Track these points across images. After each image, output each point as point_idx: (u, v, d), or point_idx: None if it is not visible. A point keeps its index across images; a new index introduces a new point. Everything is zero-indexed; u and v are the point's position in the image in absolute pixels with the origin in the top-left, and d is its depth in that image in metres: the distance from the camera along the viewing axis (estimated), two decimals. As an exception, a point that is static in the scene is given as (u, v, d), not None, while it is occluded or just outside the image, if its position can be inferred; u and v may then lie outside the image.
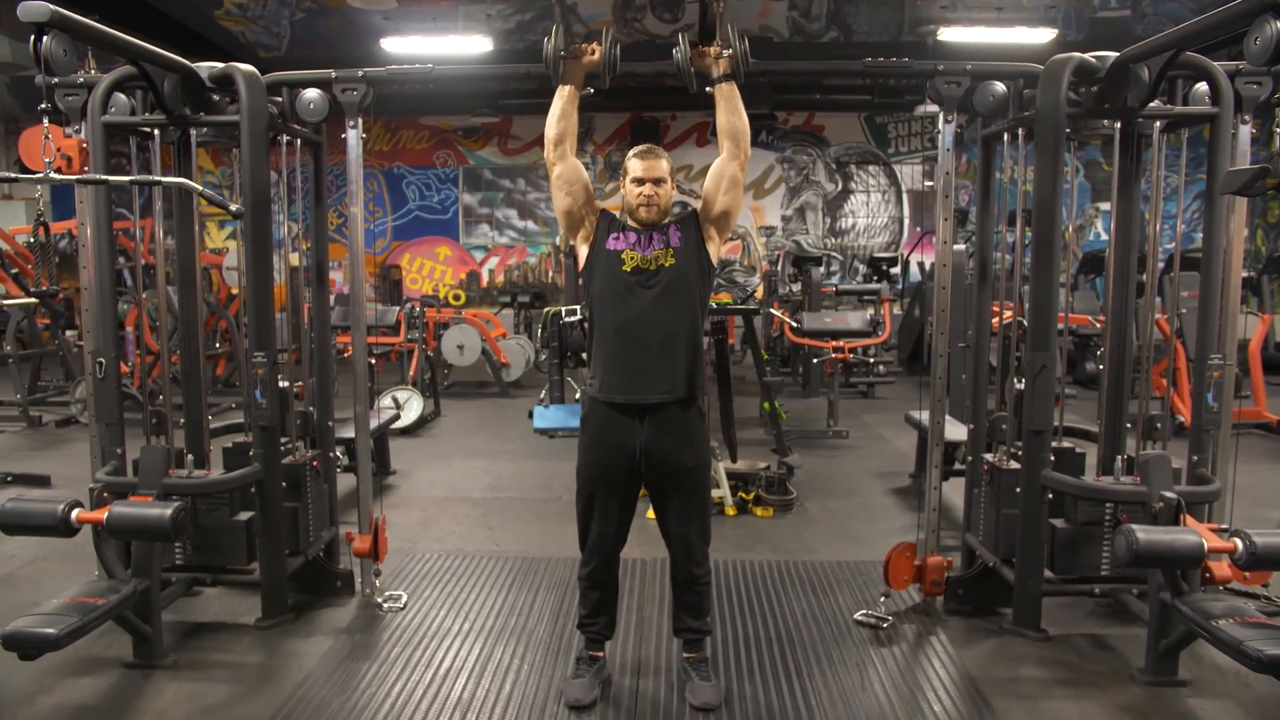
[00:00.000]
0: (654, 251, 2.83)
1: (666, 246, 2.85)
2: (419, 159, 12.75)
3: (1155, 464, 3.07)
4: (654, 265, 2.82)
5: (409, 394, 7.29)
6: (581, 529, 2.99)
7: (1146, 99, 3.16)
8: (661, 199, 2.84)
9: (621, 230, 2.89)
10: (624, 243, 2.86)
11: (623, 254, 2.84)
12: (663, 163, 2.86)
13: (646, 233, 2.87)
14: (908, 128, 12.51)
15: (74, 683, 3.02)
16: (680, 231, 2.87)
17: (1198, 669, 3.10)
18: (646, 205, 2.83)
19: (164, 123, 3.37)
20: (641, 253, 2.84)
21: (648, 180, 2.83)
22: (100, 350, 3.40)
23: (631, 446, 2.82)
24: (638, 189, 2.84)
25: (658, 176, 2.84)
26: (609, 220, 2.93)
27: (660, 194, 2.84)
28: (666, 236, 2.87)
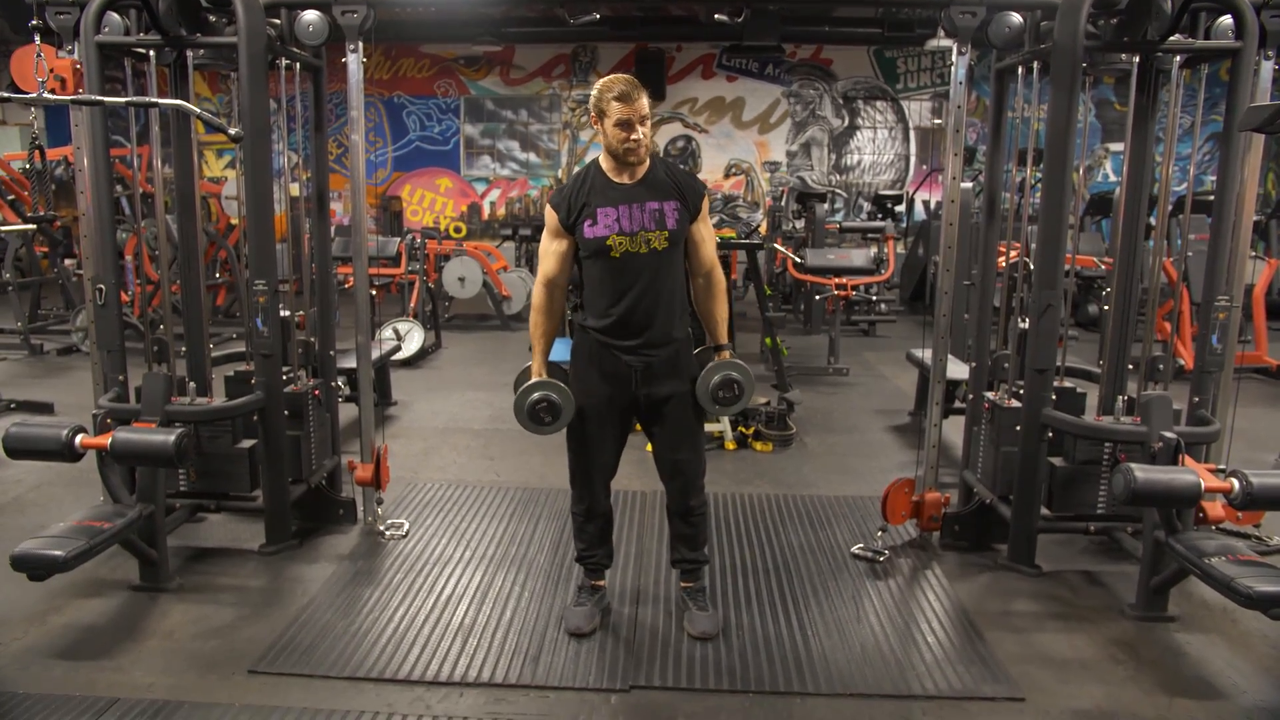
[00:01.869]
0: (643, 231, 2.69)
1: (661, 226, 2.70)
2: (420, 88, 12.51)
3: (1156, 404, 3.08)
4: (644, 248, 2.70)
5: (410, 325, 7.29)
6: (573, 461, 2.97)
7: (1168, 32, 3.08)
8: (646, 139, 2.67)
9: (597, 207, 2.69)
10: (604, 225, 2.69)
11: (608, 240, 2.69)
12: (644, 99, 2.64)
13: (629, 201, 2.69)
14: (917, 63, 12.25)
15: (82, 603, 3.07)
16: (679, 212, 2.73)
17: (1187, 605, 3.15)
18: (635, 151, 2.66)
19: (159, 43, 3.29)
20: (629, 234, 2.68)
21: (635, 122, 2.62)
22: (100, 276, 3.38)
23: (623, 376, 2.82)
24: (622, 133, 2.63)
25: (643, 115, 2.63)
26: (574, 204, 2.72)
27: (645, 133, 2.66)
28: (661, 213, 2.70)
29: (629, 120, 2.62)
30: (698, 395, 2.85)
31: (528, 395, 2.82)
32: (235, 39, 3.20)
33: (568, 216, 2.75)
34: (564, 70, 12.46)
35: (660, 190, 2.74)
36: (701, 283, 2.90)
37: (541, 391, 2.81)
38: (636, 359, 2.80)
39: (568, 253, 2.80)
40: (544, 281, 2.84)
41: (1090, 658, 2.84)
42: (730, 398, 2.83)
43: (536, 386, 2.82)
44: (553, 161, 12.72)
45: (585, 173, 2.80)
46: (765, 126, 12.55)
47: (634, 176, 2.74)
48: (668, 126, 12.53)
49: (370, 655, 2.78)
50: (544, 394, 2.81)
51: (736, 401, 2.84)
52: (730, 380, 2.83)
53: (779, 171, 12.59)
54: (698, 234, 2.84)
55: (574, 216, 2.74)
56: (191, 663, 2.73)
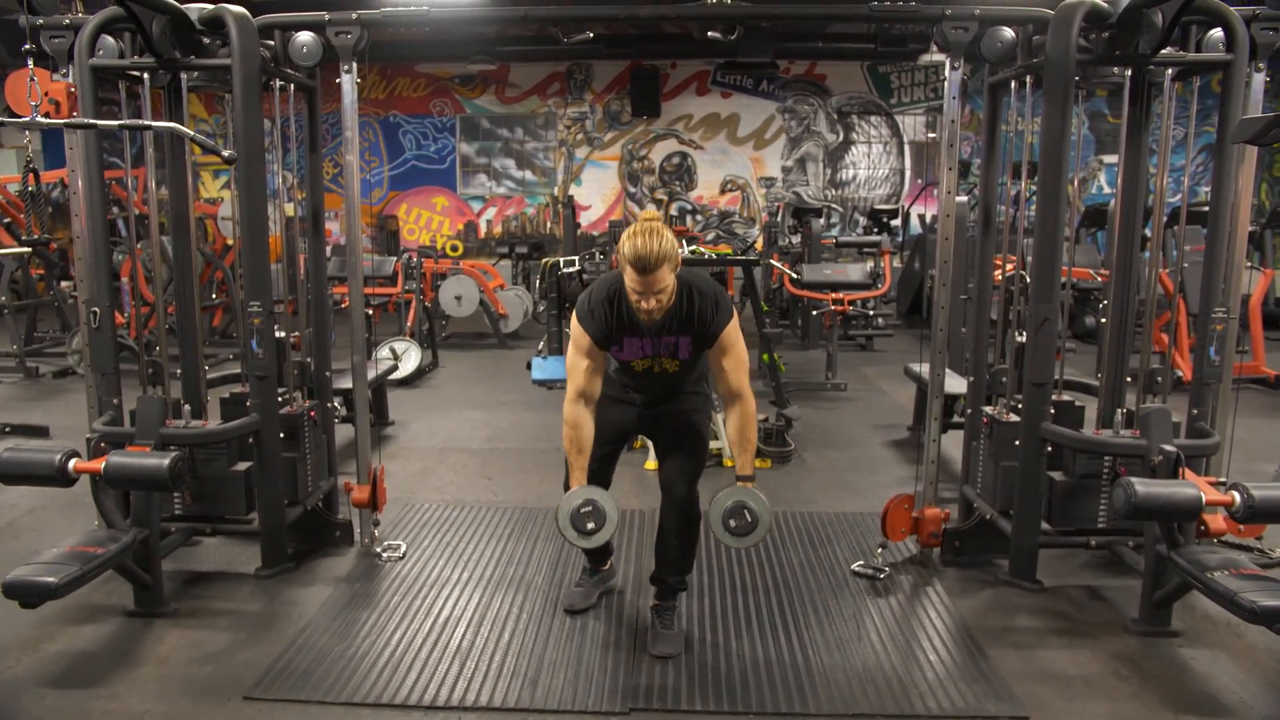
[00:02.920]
0: (659, 357, 2.85)
1: (674, 356, 2.84)
2: (415, 107, 12.55)
3: (1155, 417, 3.06)
4: (659, 368, 2.88)
5: (407, 345, 7.27)
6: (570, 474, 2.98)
7: (1159, 45, 3.09)
8: (665, 300, 2.67)
9: (625, 336, 2.80)
10: (630, 352, 2.84)
11: (632, 363, 2.87)
12: (663, 270, 2.59)
13: (651, 334, 2.80)
14: (911, 77, 12.31)
15: (76, 630, 3.04)
16: (691, 346, 2.82)
17: (1190, 619, 3.13)
18: (647, 316, 2.70)
19: (153, 66, 3.29)
20: (649, 356, 2.85)
21: (649, 294, 2.63)
22: (94, 300, 3.37)
23: (635, 407, 3.01)
24: (637, 299, 2.66)
25: (658, 289, 2.62)
26: (601, 331, 2.78)
27: (664, 298, 2.66)
28: (675, 345, 2.82)
29: (642, 292, 2.63)
30: (710, 521, 2.75)
31: (571, 501, 2.71)
32: (229, 61, 3.21)
33: (602, 340, 2.80)
34: (559, 88, 12.51)
35: (678, 327, 2.79)
36: (730, 407, 2.86)
37: (585, 495, 2.70)
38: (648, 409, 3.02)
39: (601, 366, 2.84)
40: (577, 397, 2.80)
41: (1094, 674, 2.81)
42: (743, 527, 2.67)
43: (581, 492, 2.72)
44: (549, 179, 12.74)
45: (614, 299, 2.77)
46: (760, 142, 12.59)
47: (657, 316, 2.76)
48: (663, 143, 12.58)
49: (367, 680, 2.75)
50: (588, 498, 2.69)
51: (750, 532, 2.68)
52: (742, 507, 2.67)
53: (774, 187, 12.63)
54: (717, 363, 2.83)
55: (604, 341, 2.80)
56: (186, 689, 2.70)
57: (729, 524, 2.69)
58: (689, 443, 2.97)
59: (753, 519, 2.68)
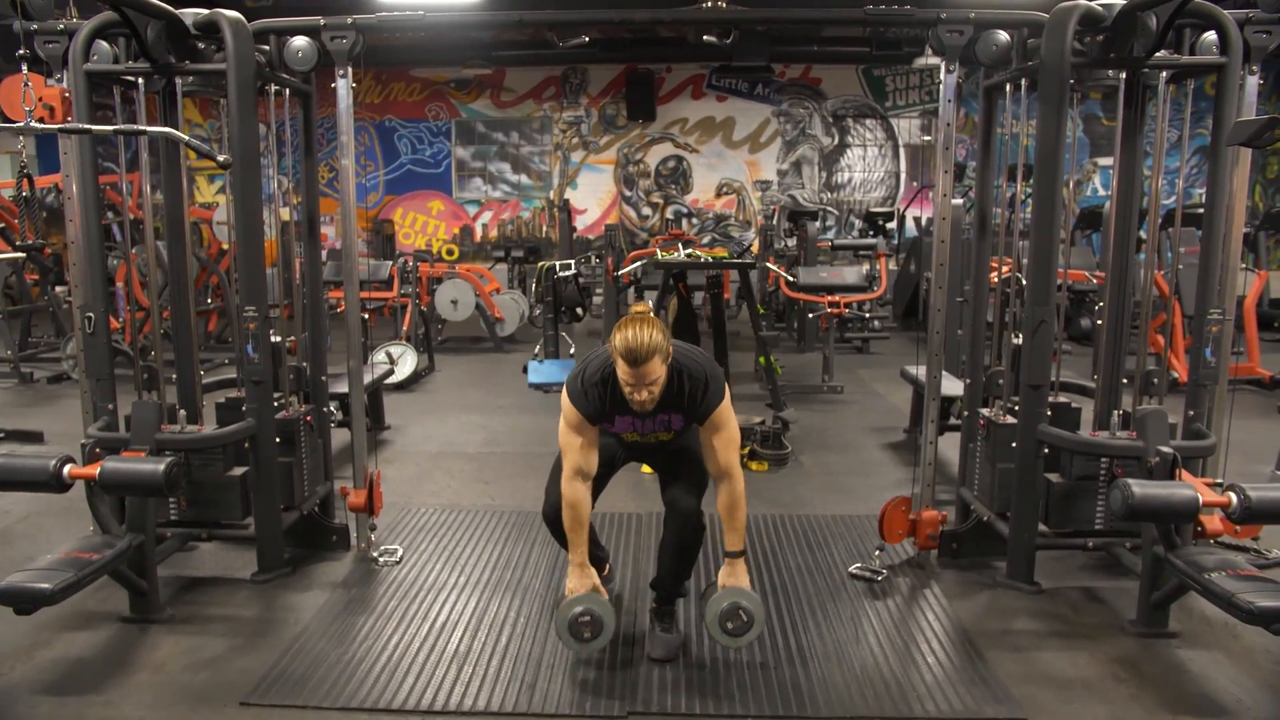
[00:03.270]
0: (652, 433, 2.90)
1: (668, 429, 2.88)
2: (410, 112, 12.55)
3: (1152, 419, 3.07)
4: (653, 439, 2.93)
5: (403, 349, 7.26)
6: (549, 491, 2.98)
7: (1154, 48, 3.09)
8: (657, 391, 2.66)
9: (617, 414, 2.81)
10: (620, 428, 2.88)
11: (622, 436, 2.92)
12: (654, 362, 2.58)
13: (642, 416, 2.81)
14: (906, 81, 12.34)
15: (71, 637, 3.03)
16: (683, 421, 2.85)
17: (1188, 621, 3.13)
18: (640, 407, 2.71)
19: (148, 71, 3.28)
20: (640, 433, 2.89)
21: (641, 386, 2.62)
22: (89, 305, 3.36)
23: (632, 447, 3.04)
24: (630, 390, 2.65)
25: (650, 381, 2.62)
26: (596, 412, 2.77)
27: (656, 389, 2.65)
28: (669, 420, 2.85)
29: (634, 384, 2.62)
30: (706, 625, 2.81)
31: (570, 608, 2.73)
32: (224, 66, 3.20)
33: (595, 418, 2.79)
34: (555, 92, 12.52)
35: (669, 405, 2.78)
36: (720, 484, 2.85)
37: (584, 605, 2.71)
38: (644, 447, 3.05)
39: (594, 441, 2.80)
40: (574, 475, 2.76)
41: (1092, 676, 2.81)
42: (739, 628, 2.73)
43: (580, 600, 2.73)
44: (544, 183, 12.75)
45: (607, 380, 2.74)
46: (756, 146, 12.61)
47: None
48: (658, 147, 12.59)
49: (364, 685, 2.74)
50: (586, 607, 2.70)
51: (746, 632, 2.74)
52: (736, 609, 2.72)
53: (770, 190, 12.64)
54: (708, 440, 2.81)
55: (597, 420, 2.80)
56: (182, 696, 2.68)
57: (726, 626, 2.76)
58: (689, 460, 2.97)
59: (748, 618, 2.75)
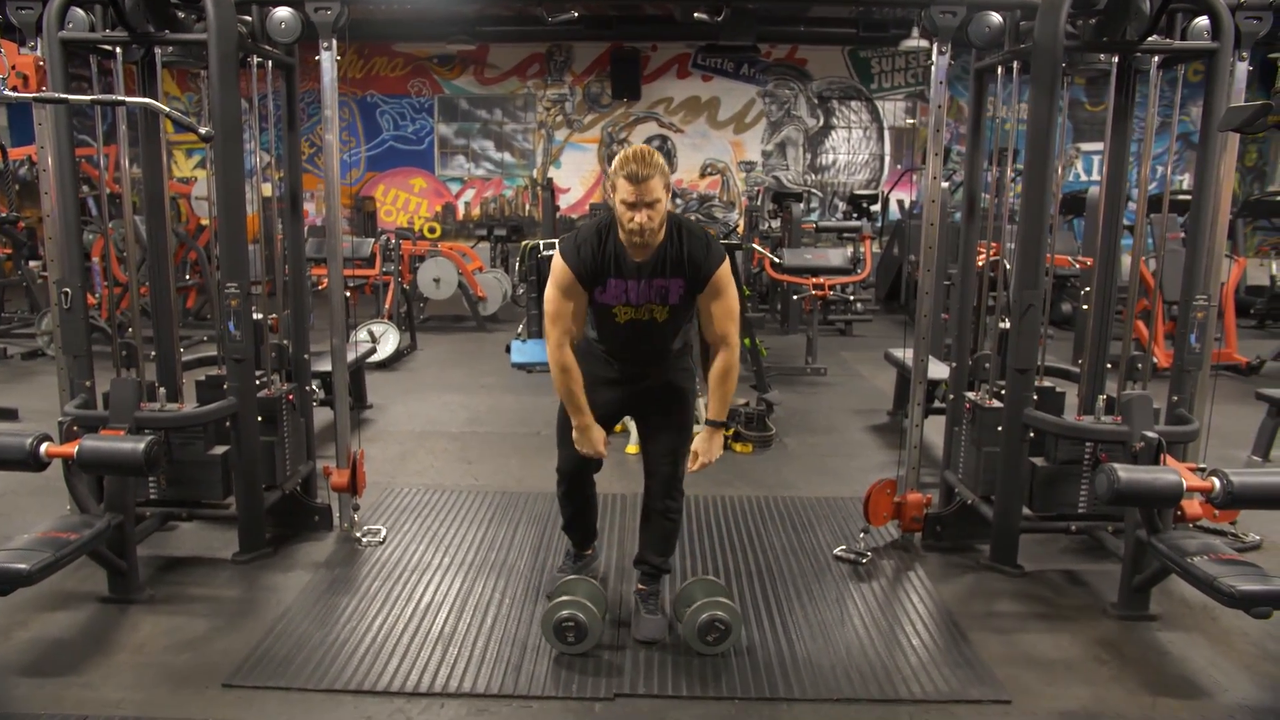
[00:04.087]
0: (647, 304, 2.73)
1: (664, 302, 2.72)
2: (393, 87, 12.37)
3: (1137, 404, 3.08)
4: (647, 316, 2.75)
5: (385, 327, 7.20)
6: (561, 453, 3.02)
7: (1147, 32, 3.09)
8: (657, 220, 2.57)
9: (609, 276, 2.69)
10: (613, 295, 2.71)
11: (614, 308, 2.74)
12: (656, 180, 2.52)
13: (639, 276, 2.69)
14: (891, 63, 12.29)
15: (49, 617, 2.98)
16: (683, 290, 2.73)
17: (1168, 603, 3.17)
18: (639, 234, 2.57)
19: (126, 40, 3.20)
20: (634, 305, 2.72)
21: (640, 206, 2.53)
22: (65, 280, 3.29)
23: (619, 386, 2.91)
24: (628, 213, 2.55)
25: (652, 199, 2.53)
26: (591, 270, 2.68)
27: (656, 216, 2.56)
28: (666, 289, 2.71)
29: (634, 202, 2.54)
30: (684, 635, 2.82)
31: (556, 611, 2.73)
32: (205, 36, 3.13)
33: (584, 279, 2.70)
34: (539, 69, 12.38)
35: (669, 268, 2.70)
36: (717, 352, 2.82)
37: (570, 610, 2.72)
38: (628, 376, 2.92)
39: (583, 309, 2.76)
40: (562, 340, 2.73)
41: (1075, 658, 2.84)
42: (718, 638, 2.77)
43: (566, 604, 2.74)
44: (528, 161, 12.63)
45: (603, 238, 2.69)
46: (740, 126, 12.54)
47: (647, 251, 2.68)
48: (643, 126, 12.50)
49: (348, 666, 2.72)
50: (572, 613, 2.72)
51: (725, 640, 2.78)
52: (714, 622, 2.75)
53: (754, 171, 12.60)
54: (707, 309, 2.77)
55: (588, 281, 2.70)
56: (164, 677, 2.65)
57: (706, 639, 2.78)
58: (676, 418, 2.94)
59: (725, 628, 2.78)
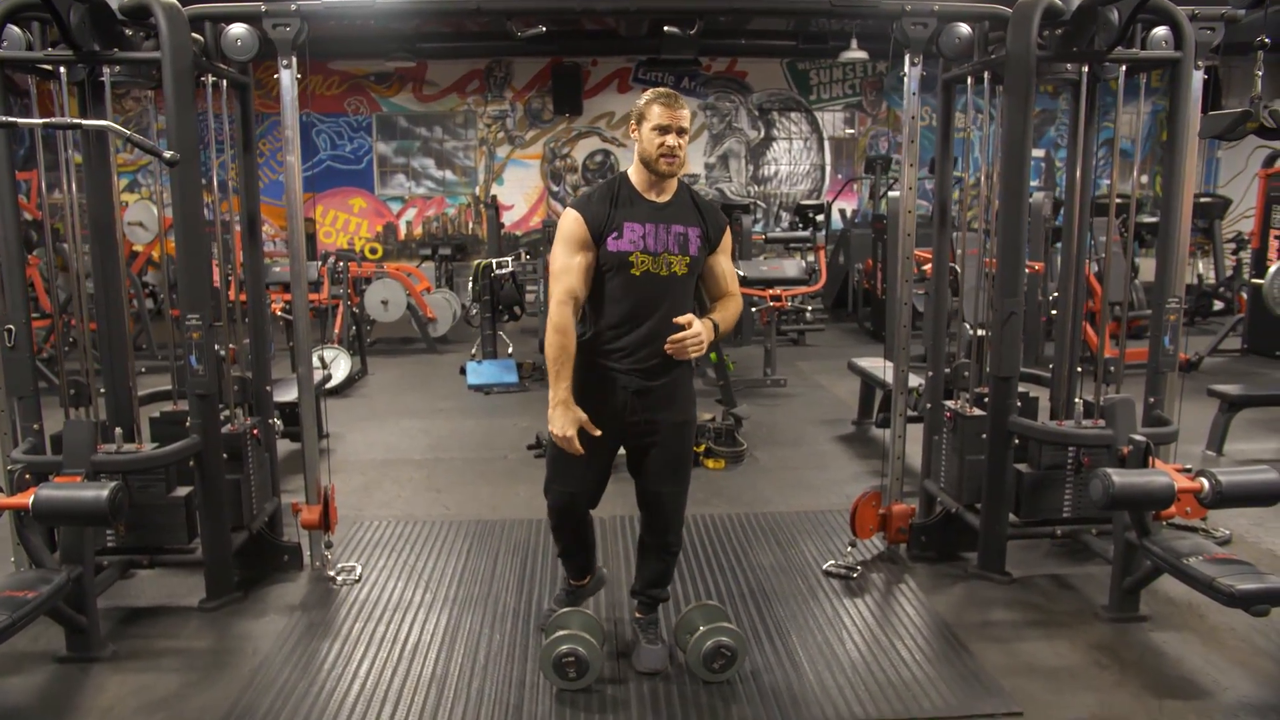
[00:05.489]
0: (665, 254, 2.60)
1: (684, 251, 2.62)
2: (329, 106, 12.07)
3: (1121, 408, 3.12)
4: (665, 271, 2.61)
5: (336, 353, 6.97)
6: (549, 485, 2.80)
7: (1115, 41, 3.14)
8: (683, 151, 2.61)
9: (624, 221, 2.59)
10: (629, 240, 2.58)
11: (630, 256, 2.58)
12: (686, 111, 2.60)
13: (656, 220, 2.60)
14: (830, 74, 12.47)
15: (2, 683, 2.76)
16: (701, 240, 2.66)
17: (1155, 603, 3.20)
18: (669, 158, 2.57)
19: (70, 59, 3.01)
20: (652, 253, 2.59)
21: (673, 129, 2.56)
22: (9, 317, 3.07)
23: (619, 402, 2.65)
24: (660, 138, 2.56)
25: (682, 126, 2.57)
26: (602, 213, 2.60)
27: (683, 145, 2.59)
28: (685, 237, 2.63)
29: (668, 126, 2.55)
30: (689, 664, 2.73)
31: (555, 646, 2.63)
32: (157, 55, 2.96)
33: (596, 226, 2.59)
34: (479, 86, 12.23)
35: (686, 215, 2.66)
36: (724, 301, 2.78)
37: (569, 645, 2.63)
38: (634, 381, 2.63)
39: (592, 266, 2.61)
40: (565, 299, 2.57)
41: (1075, 664, 2.84)
42: (725, 665, 2.69)
43: (565, 639, 2.64)
44: (469, 178, 12.46)
45: (613, 184, 2.66)
46: (683, 139, 12.56)
47: (663, 194, 2.65)
48: (585, 141, 12.44)
49: (339, 717, 2.57)
50: (572, 647, 2.62)
51: (731, 666, 2.70)
52: (719, 649, 2.68)
53: (698, 184, 12.63)
54: (718, 266, 2.75)
55: (602, 226, 2.59)
56: (137, 741, 2.47)
57: (713, 667, 2.70)
58: (679, 450, 2.76)
59: (731, 654, 2.70)
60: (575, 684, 2.66)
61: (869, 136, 12.54)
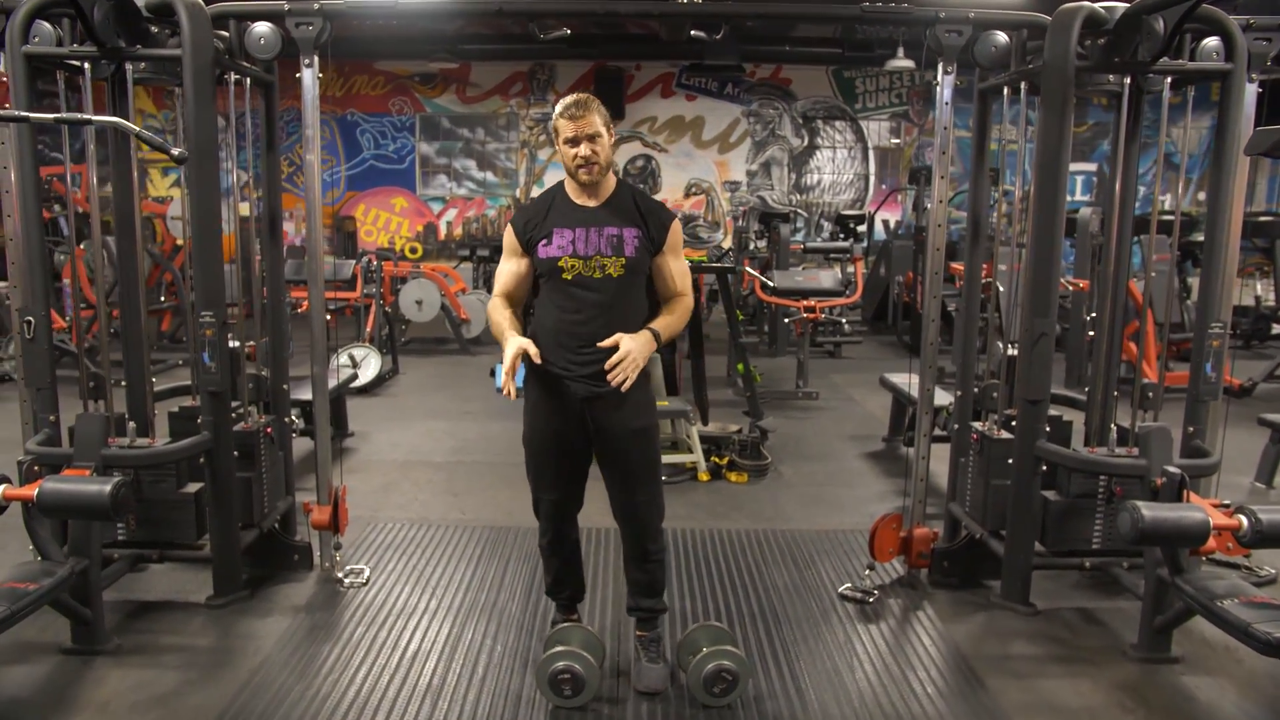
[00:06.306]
0: (597, 257, 2.57)
1: (618, 253, 2.58)
2: (374, 106, 12.23)
3: (1156, 437, 2.97)
4: (599, 273, 2.58)
5: (366, 351, 7.01)
6: (534, 497, 2.82)
7: (1160, 52, 2.99)
8: (602, 155, 2.56)
9: (554, 227, 2.60)
10: (557, 246, 2.59)
11: (560, 261, 2.58)
12: (594, 116, 2.53)
13: (587, 224, 2.59)
14: (876, 83, 12.30)
15: (6, 672, 2.78)
16: (640, 240, 2.61)
17: (1188, 644, 3.04)
18: (585, 168, 2.55)
19: (95, 55, 3.03)
20: (583, 257, 2.57)
21: (581, 139, 2.53)
22: (29, 308, 3.10)
23: (572, 408, 2.63)
24: (572, 150, 2.55)
25: (592, 133, 2.53)
26: (532, 223, 2.64)
27: (599, 149, 2.55)
28: (620, 238, 2.59)
29: (575, 137, 2.54)
30: (690, 686, 2.64)
31: (551, 662, 2.58)
32: (179, 52, 2.97)
33: (524, 234, 2.65)
34: (521, 88, 12.28)
35: (622, 216, 2.63)
36: (669, 304, 2.73)
37: (565, 661, 2.58)
38: (582, 387, 2.60)
39: (525, 274, 2.70)
40: (497, 297, 2.71)
41: (1098, 705, 2.70)
42: (726, 689, 2.60)
43: (561, 654, 2.59)
44: (510, 180, 12.51)
45: (549, 193, 2.72)
46: (725, 146, 12.49)
47: (597, 199, 2.64)
48: (627, 146, 12.42)
49: (330, 724, 2.54)
50: (568, 664, 2.57)
51: (733, 690, 2.61)
52: (720, 672, 2.59)
53: (739, 191, 12.54)
54: (665, 268, 2.69)
55: (530, 235, 2.64)
56: (129, 739, 2.46)
57: (713, 691, 2.61)
58: (641, 455, 2.70)
59: (733, 678, 2.61)
60: (570, 702, 2.59)
61: (914, 146, 12.34)
